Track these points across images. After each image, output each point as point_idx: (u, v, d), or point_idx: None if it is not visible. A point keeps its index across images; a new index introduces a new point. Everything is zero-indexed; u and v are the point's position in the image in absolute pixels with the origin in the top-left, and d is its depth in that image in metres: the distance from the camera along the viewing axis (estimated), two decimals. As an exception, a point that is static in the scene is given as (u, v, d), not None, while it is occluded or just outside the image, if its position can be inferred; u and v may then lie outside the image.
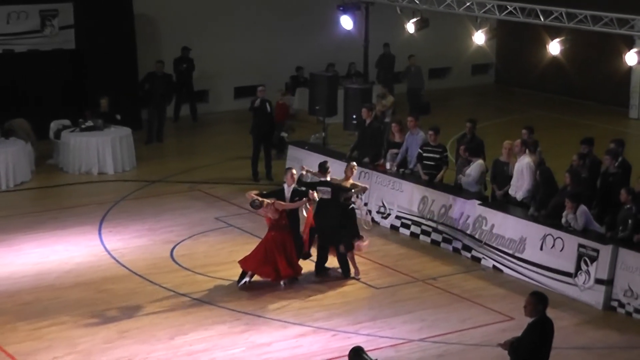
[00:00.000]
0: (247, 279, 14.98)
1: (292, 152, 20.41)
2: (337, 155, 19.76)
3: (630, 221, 14.26)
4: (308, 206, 15.40)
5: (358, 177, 18.64)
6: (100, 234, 17.45)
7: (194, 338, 13.19)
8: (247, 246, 16.59)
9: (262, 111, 20.62)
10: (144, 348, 12.89)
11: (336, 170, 16.29)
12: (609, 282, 14.21)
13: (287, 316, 13.93)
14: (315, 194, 15.09)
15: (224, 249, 16.72)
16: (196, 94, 27.10)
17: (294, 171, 15.30)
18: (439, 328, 13.57)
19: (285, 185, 15.09)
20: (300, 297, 14.66)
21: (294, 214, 15.30)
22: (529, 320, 9.90)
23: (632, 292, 14.05)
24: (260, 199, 14.75)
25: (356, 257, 15.58)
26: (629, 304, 14.08)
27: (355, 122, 20.88)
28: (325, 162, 15.83)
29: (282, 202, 14.89)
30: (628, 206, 14.36)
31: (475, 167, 16.83)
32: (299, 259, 15.21)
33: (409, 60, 26.24)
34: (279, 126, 22.12)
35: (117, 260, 16.13)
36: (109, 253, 16.47)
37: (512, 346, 9.94)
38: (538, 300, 9.89)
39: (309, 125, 24.44)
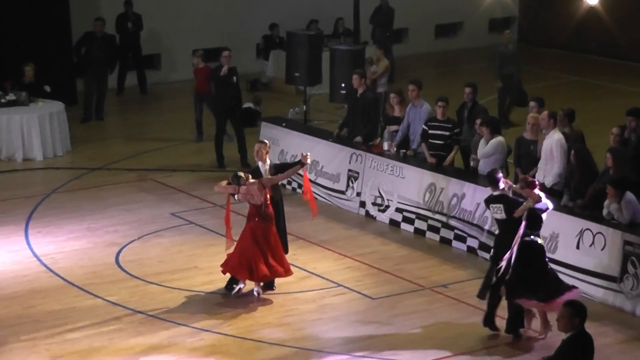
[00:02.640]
0: (241, 285, 15.00)
1: (266, 130, 20.43)
2: (322, 134, 19.82)
3: (686, 211, 14.35)
4: (302, 172, 15.63)
5: (349, 160, 18.74)
6: (26, 235, 17.44)
7: (146, 364, 13.22)
8: (212, 248, 16.67)
9: (228, 81, 20.62)
10: (84, 377, 12.90)
11: (326, 153, 16.26)
12: (661, 283, 14.33)
13: (262, 335, 13.95)
14: (308, 157, 15.04)
15: (182, 252, 16.74)
16: (145, 60, 27.06)
17: (267, 142, 15.47)
18: (452, 347, 13.60)
19: (260, 163, 15.19)
20: (279, 310, 14.69)
21: (277, 206, 15.29)
22: (563, 336, 9.94)
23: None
24: (244, 173, 14.75)
25: (345, 261, 15.62)
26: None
27: (344, 92, 20.91)
28: (495, 171, 14.30)
29: (271, 176, 14.92)
30: (684, 193, 14.45)
31: (491, 146, 16.83)
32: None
33: (503, 37, 24.89)
34: (204, 97, 22.01)
35: (48, 268, 16.12)
36: (38, 259, 16.45)
37: (547, 366, 10.03)
38: (574, 312, 9.95)
39: (287, 97, 24.50)
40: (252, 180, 14.67)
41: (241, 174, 14.72)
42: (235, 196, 14.88)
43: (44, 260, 16.42)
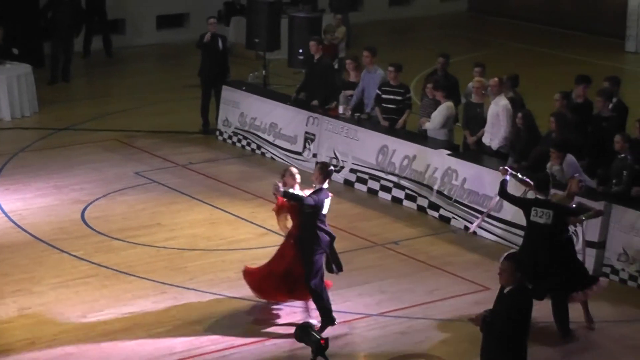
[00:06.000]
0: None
1: (227, 94, 20.37)
2: (281, 97, 19.82)
3: (625, 173, 14.48)
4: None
5: (306, 122, 18.75)
6: (-5, 192, 17.38)
7: (111, 316, 13.19)
8: (174, 206, 16.70)
9: (213, 49, 20.44)
10: (50, 329, 12.86)
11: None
12: (600, 245, 14.44)
13: (222, 288, 13.99)
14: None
15: (145, 209, 16.73)
16: (110, 24, 26.87)
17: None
18: (402, 301, 13.72)
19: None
20: (238, 265, 14.69)
21: None
22: (505, 290, 10.01)
23: (627, 256, 14.30)
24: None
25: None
26: (623, 269, 14.35)
27: (302, 57, 20.89)
28: (547, 176, 13.66)
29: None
30: (623, 155, 14.58)
31: (440, 110, 16.94)
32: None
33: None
34: None
35: (16, 224, 16.05)
36: (7, 215, 16.37)
37: (485, 321, 10.08)
38: (516, 266, 10.02)
39: (247, 62, 24.40)
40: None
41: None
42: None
43: (12, 216, 16.35)
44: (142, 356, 12.29)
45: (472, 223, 15.75)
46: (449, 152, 16.67)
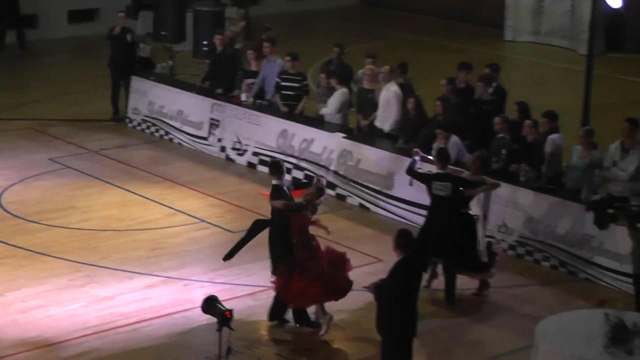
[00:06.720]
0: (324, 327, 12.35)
1: (136, 83, 20.19)
2: (187, 86, 19.73)
3: (504, 151, 14.73)
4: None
5: (210, 110, 18.69)
6: None
7: (28, 294, 13.06)
8: (87, 190, 16.55)
9: (122, 41, 20.21)
10: (-31, 307, 12.70)
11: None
12: (483, 218, 14.64)
13: (133, 266, 13.93)
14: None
15: (60, 193, 16.54)
16: (23, 19, 26.41)
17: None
18: (302, 273, 13.77)
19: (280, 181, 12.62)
20: (148, 244, 14.67)
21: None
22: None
23: (506, 227, 14.57)
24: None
25: (208, 199, 15.58)
26: (503, 240, 14.61)
27: (206, 49, 20.78)
28: (446, 151, 13.65)
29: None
30: (502, 135, 14.82)
31: (336, 96, 17.03)
32: None
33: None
34: None
35: None
36: None
37: (378, 288, 10.21)
38: (405, 239, 10.17)
39: (155, 54, 24.15)
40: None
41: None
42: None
43: None
44: (57, 331, 12.18)
45: (366, 201, 15.92)
46: (344, 135, 16.77)
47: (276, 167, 12.55)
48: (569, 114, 16.89)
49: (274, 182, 12.41)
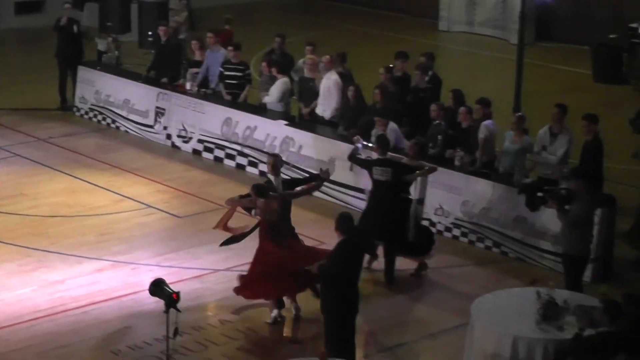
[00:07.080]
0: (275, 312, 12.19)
1: (83, 73, 19.96)
2: (133, 75, 19.55)
3: (440, 137, 14.78)
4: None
5: (156, 98, 18.54)
6: None
7: (-21, 279, 12.89)
8: (36, 177, 16.36)
9: (69, 32, 19.94)
10: None
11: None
12: (420, 201, 14.67)
13: (82, 251, 13.79)
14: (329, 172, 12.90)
15: (9, 180, 16.34)
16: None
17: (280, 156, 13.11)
18: (246, 257, 13.59)
19: (273, 177, 12.65)
20: (97, 229, 14.53)
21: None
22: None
23: (442, 210, 14.64)
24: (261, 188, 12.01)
25: (155, 185, 15.47)
26: (440, 222, 14.68)
27: (151, 39, 20.63)
28: (386, 137, 13.73)
29: (293, 192, 12.49)
30: (438, 122, 14.86)
31: (278, 85, 16.97)
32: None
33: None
34: None
35: None
36: None
37: (321, 269, 10.22)
38: (345, 222, 10.18)
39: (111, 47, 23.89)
40: (273, 194, 12.09)
41: (265, 189, 12.03)
42: (252, 211, 12.32)
43: None
44: (9, 315, 12.03)
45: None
46: (286, 122, 16.73)
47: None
48: (502, 101, 17.01)
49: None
